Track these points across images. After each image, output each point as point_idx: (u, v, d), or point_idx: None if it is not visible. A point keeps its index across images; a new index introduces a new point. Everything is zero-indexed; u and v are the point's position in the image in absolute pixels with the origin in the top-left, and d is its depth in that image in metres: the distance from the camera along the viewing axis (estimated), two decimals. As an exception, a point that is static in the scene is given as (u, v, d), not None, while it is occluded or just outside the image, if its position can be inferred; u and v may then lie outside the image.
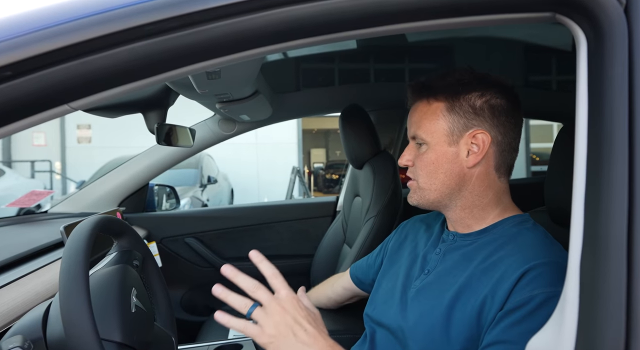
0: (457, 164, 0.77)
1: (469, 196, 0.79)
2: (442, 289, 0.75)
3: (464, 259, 0.77)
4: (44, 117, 0.47)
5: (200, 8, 0.45)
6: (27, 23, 0.43)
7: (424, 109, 0.80)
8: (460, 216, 0.81)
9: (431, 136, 0.78)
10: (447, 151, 0.77)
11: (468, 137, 0.77)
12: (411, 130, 0.82)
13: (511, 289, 0.67)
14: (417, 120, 0.80)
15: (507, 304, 0.67)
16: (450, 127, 0.77)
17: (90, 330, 0.62)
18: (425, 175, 0.79)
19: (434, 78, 0.80)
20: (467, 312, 0.70)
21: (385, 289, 0.88)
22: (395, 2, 0.49)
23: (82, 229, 0.71)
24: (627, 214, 0.42)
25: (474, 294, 0.71)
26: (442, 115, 0.77)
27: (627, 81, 0.47)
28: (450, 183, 0.78)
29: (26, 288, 0.97)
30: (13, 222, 1.59)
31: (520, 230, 0.77)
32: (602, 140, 0.47)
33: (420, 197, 0.81)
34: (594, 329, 0.41)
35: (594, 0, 0.50)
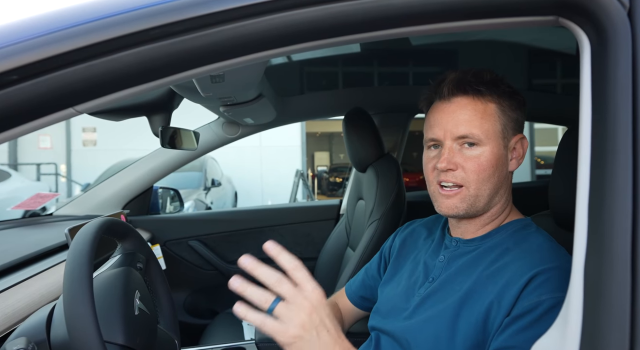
0: (505, 166, 0.76)
1: (503, 202, 0.78)
2: (447, 295, 0.74)
3: (469, 265, 0.76)
4: (50, 120, 0.47)
5: (205, 12, 0.45)
6: (32, 27, 0.43)
7: (477, 107, 0.74)
8: (483, 223, 0.78)
9: (489, 137, 0.73)
10: (502, 154, 0.75)
11: (514, 142, 0.76)
12: (460, 129, 0.73)
13: (518, 295, 0.67)
14: (469, 119, 0.73)
15: (515, 310, 0.66)
16: (504, 130, 0.75)
17: (93, 332, 0.63)
18: (479, 180, 0.73)
19: (471, 75, 0.75)
20: (472, 319, 0.69)
21: (389, 297, 0.86)
22: (399, 6, 0.49)
23: (86, 232, 0.72)
24: (632, 218, 0.42)
25: (479, 300, 0.70)
26: (497, 117, 0.74)
27: (630, 84, 0.47)
28: (498, 188, 0.75)
29: (30, 290, 0.97)
30: (19, 224, 1.60)
31: (524, 235, 0.76)
32: (606, 144, 0.46)
33: (471, 205, 0.74)
34: (598, 334, 0.41)
35: (597, 4, 0.50)
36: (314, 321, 0.56)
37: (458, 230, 0.81)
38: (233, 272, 1.93)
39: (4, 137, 0.47)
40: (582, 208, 0.47)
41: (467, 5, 0.53)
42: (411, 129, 2.04)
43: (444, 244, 0.83)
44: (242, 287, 0.57)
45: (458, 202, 0.75)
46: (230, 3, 0.46)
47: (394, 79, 1.97)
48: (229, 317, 1.68)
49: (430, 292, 0.77)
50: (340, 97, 1.86)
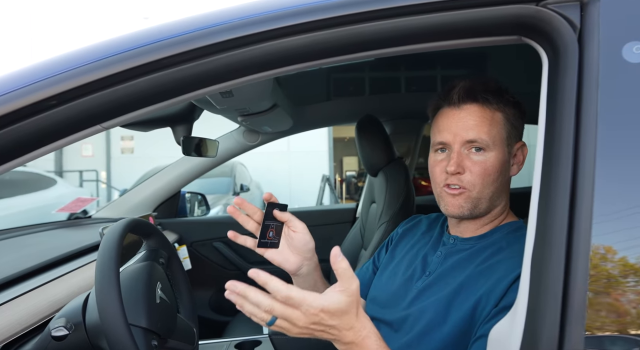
0: (508, 172, 0.80)
1: (500, 204, 0.82)
2: (441, 288, 0.80)
3: (463, 261, 0.81)
4: (81, 136, 0.58)
5: (204, 44, 0.55)
6: (66, 62, 0.54)
7: (484, 114, 0.78)
8: (481, 224, 0.83)
9: (495, 143, 0.77)
10: (506, 160, 0.79)
11: (516, 148, 0.81)
12: (470, 134, 0.77)
13: (507, 289, 0.72)
14: (476, 124, 0.77)
15: (502, 302, 0.71)
16: (508, 136, 0.79)
17: (120, 316, 0.72)
18: (483, 183, 0.77)
19: (481, 85, 0.79)
20: (463, 308, 0.75)
21: (386, 288, 0.91)
22: (368, 33, 0.57)
23: (113, 230, 0.82)
24: (569, 209, 0.48)
25: (471, 292, 0.75)
26: (502, 123, 0.79)
27: (575, 94, 0.53)
28: (499, 192, 0.80)
29: (70, 282, 1.10)
30: (62, 225, 1.77)
31: (517, 237, 0.80)
32: (553, 145, 0.52)
33: (474, 207, 0.78)
34: (538, 311, 0.46)
35: (553, 28, 0.56)
36: (312, 329, 0.60)
37: (457, 229, 0.86)
38: (254, 272, 2.02)
39: (46, 150, 0.58)
40: (534, 201, 0.53)
41: (437, 28, 0.60)
42: (426, 134, 2.08)
43: (442, 241, 0.88)
44: (239, 303, 0.61)
45: (463, 201, 0.78)
46: (226, 35, 0.56)
47: (408, 86, 2.02)
48: (249, 314, 1.77)
49: (427, 285, 0.82)
50: (354, 105, 1.93)
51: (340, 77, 1.96)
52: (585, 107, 0.52)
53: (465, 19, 0.58)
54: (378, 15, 0.54)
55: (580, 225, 0.48)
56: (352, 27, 0.55)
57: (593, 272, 0.47)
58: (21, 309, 0.88)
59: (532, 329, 0.47)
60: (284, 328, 0.60)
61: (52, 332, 0.77)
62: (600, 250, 0.48)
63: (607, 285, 0.48)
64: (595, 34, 0.54)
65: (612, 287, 0.48)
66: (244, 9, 0.55)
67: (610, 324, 0.47)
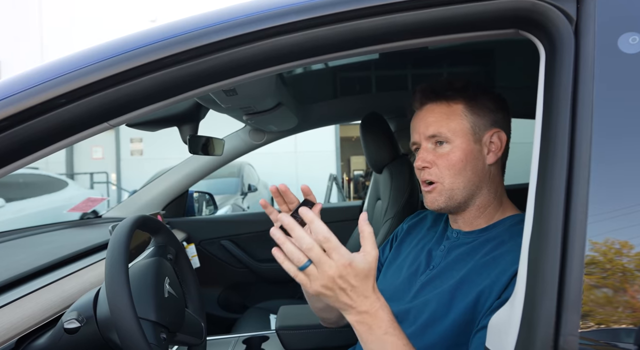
0: (480, 160, 0.82)
1: (487, 194, 0.84)
2: (444, 281, 0.81)
3: (466, 254, 0.82)
4: (90, 133, 0.60)
5: (204, 43, 0.56)
6: (74, 62, 0.56)
7: (443, 109, 0.82)
8: (473, 215, 0.84)
9: (456, 134, 0.80)
10: (473, 148, 0.81)
11: (488, 136, 0.83)
12: (429, 130, 0.82)
13: (509, 281, 0.73)
14: (436, 120, 0.81)
15: (504, 294, 0.72)
16: (473, 126, 0.82)
17: (129, 310, 0.74)
18: (452, 174, 0.80)
19: (441, 83, 0.84)
20: (466, 300, 0.76)
21: (392, 281, 0.93)
22: (365, 28, 0.58)
23: (122, 227, 0.85)
24: (564, 199, 0.49)
25: (473, 284, 0.76)
26: (464, 115, 0.82)
27: (571, 86, 0.53)
28: (475, 180, 0.82)
29: (82, 279, 1.13)
30: (74, 225, 1.81)
31: (520, 229, 0.80)
32: (549, 136, 0.53)
33: (449, 198, 0.81)
34: (535, 299, 0.47)
35: (549, 20, 0.57)
36: (336, 284, 0.60)
37: (455, 223, 0.88)
38: (262, 270, 2.07)
39: (57, 147, 0.60)
40: (530, 198, 0.54)
41: (433, 23, 0.61)
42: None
43: (445, 235, 0.90)
44: (282, 240, 0.61)
45: (437, 195, 0.82)
46: (225, 34, 0.57)
47: (414, 82, 2.02)
48: (258, 311, 1.80)
49: (430, 278, 0.84)
50: (360, 102, 1.94)
51: (346, 75, 1.97)
52: (582, 99, 0.52)
53: (461, 13, 0.58)
54: (375, 12, 0.55)
55: (576, 217, 0.49)
56: (349, 23, 0.56)
57: (589, 262, 0.48)
58: (35, 304, 0.90)
59: (530, 317, 0.48)
60: (312, 276, 0.60)
61: (65, 325, 0.79)
62: (596, 241, 0.49)
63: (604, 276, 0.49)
64: (592, 26, 0.55)
65: (609, 278, 0.49)
66: (243, 8, 0.57)
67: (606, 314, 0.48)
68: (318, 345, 1.16)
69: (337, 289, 0.61)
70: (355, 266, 0.60)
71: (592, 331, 0.47)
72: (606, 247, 0.49)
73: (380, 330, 0.64)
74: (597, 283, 0.48)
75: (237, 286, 2.07)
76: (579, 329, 0.47)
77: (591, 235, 0.49)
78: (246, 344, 1.38)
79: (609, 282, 0.49)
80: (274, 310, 1.60)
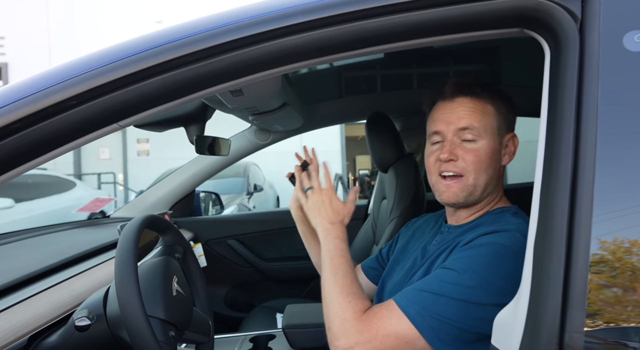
0: (499, 161, 0.83)
1: (495, 194, 0.85)
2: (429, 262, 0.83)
3: (451, 243, 0.83)
4: (99, 134, 0.61)
5: (210, 45, 0.57)
6: (84, 65, 0.57)
7: (477, 105, 0.81)
8: (474, 211, 0.86)
9: (486, 132, 0.81)
10: (497, 148, 0.82)
11: (507, 138, 0.84)
12: (462, 122, 0.80)
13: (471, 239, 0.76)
14: (470, 114, 0.81)
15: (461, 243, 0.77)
16: (499, 127, 0.83)
17: (138, 308, 0.76)
18: (477, 170, 0.80)
19: (472, 80, 0.84)
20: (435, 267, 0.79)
21: (392, 278, 0.96)
22: (371, 29, 0.58)
23: (131, 226, 0.86)
24: (569, 197, 0.49)
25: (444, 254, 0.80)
26: (492, 114, 0.83)
27: (576, 85, 0.54)
28: (493, 179, 0.83)
29: (92, 277, 1.15)
30: (82, 225, 1.83)
31: (500, 216, 0.83)
32: (554, 135, 0.53)
33: (469, 194, 0.81)
34: (540, 297, 0.48)
35: (554, 19, 0.57)
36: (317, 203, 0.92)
37: (452, 217, 0.90)
38: (268, 269, 2.07)
39: (68, 148, 0.61)
40: (535, 195, 0.54)
41: (438, 22, 0.61)
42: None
43: (440, 231, 0.92)
44: (297, 172, 1.06)
45: (458, 190, 0.82)
46: (232, 35, 0.58)
47: (418, 81, 2.02)
48: (264, 310, 1.81)
49: (422, 265, 0.86)
50: (365, 102, 1.94)
51: (352, 75, 1.98)
52: (587, 97, 0.52)
53: (466, 12, 0.59)
54: (380, 12, 0.56)
55: (581, 215, 0.49)
56: (354, 24, 0.57)
57: (597, 260, 0.48)
58: (46, 302, 0.92)
59: (535, 314, 0.48)
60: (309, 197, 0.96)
61: (76, 323, 0.81)
62: (604, 239, 0.49)
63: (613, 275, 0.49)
64: (596, 24, 0.55)
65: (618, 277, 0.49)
66: (249, 9, 0.57)
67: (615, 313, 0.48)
68: (324, 344, 1.16)
69: (317, 209, 0.91)
70: (334, 200, 0.92)
71: (600, 330, 0.47)
72: (615, 245, 0.49)
73: (327, 247, 0.86)
74: (607, 282, 0.48)
75: (243, 285, 2.08)
76: (585, 327, 0.47)
77: (599, 234, 0.49)
78: (253, 343, 1.39)
79: (618, 281, 0.49)
80: (281, 309, 1.61)
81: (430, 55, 1.87)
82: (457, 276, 0.71)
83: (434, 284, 0.72)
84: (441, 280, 0.72)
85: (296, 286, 1.97)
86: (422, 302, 0.71)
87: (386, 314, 0.72)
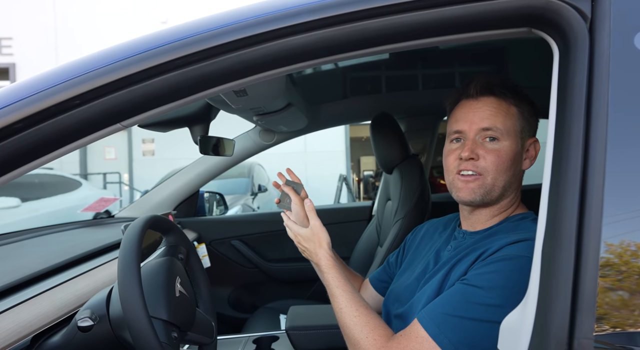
0: (519, 164, 0.83)
1: (512, 197, 0.84)
2: (444, 270, 0.82)
3: (468, 248, 0.83)
4: (103, 134, 0.61)
5: (214, 44, 0.57)
6: (87, 64, 0.57)
7: (503, 106, 0.80)
8: (491, 214, 0.84)
9: (509, 133, 0.80)
10: (518, 151, 0.82)
11: (529, 143, 0.84)
12: (485, 122, 0.80)
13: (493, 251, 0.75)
14: (494, 114, 0.80)
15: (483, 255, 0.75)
16: (522, 130, 0.82)
17: (141, 309, 0.75)
18: (497, 170, 0.79)
19: (499, 81, 0.83)
20: (455, 278, 0.78)
21: (403, 283, 0.94)
22: (375, 28, 0.58)
23: (134, 227, 0.85)
24: (579, 201, 0.48)
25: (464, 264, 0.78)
26: (517, 118, 0.82)
27: (585, 86, 0.52)
28: (512, 182, 0.82)
29: (96, 277, 1.15)
30: (87, 224, 1.84)
31: (518, 224, 0.82)
32: (563, 137, 0.52)
33: (487, 193, 0.80)
34: (548, 300, 0.47)
35: (563, 18, 0.56)
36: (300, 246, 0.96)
37: (468, 221, 0.88)
38: (272, 270, 2.07)
39: (72, 148, 0.61)
40: (544, 198, 0.53)
41: (446, 22, 0.60)
42: (442, 131, 2.07)
43: (453, 235, 0.91)
44: None
45: (476, 187, 0.81)
46: (236, 35, 0.58)
47: (423, 83, 2.01)
48: (268, 311, 1.80)
49: (435, 272, 0.85)
50: (369, 103, 1.94)
51: (356, 75, 1.97)
52: (596, 98, 0.51)
53: (473, 12, 0.58)
54: (385, 12, 0.55)
55: (591, 218, 0.48)
56: (359, 23, 0.56)
57: (603, 264, 0.47)
58: (49, 302, 0.92)
59: (543, 319, 0.47)
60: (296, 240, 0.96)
61: (79, 323, 0.81)
62: (611, 242, 0.48)
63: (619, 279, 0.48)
64: (607, 24, 0.54)
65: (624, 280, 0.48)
66: (253, 9, 0.57)
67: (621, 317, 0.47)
68: (328, 346, 1.16)
69: (302, 249, 0.95)
70: (302, 234, 0.94)
71: (607, 334, 0.46)
72: (622, 249, 0.48)
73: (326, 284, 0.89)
74: (612, 285, 0.47)
75: (247, 286, 2.08)
76: (594, 332, 0.46)
77: (606, 237, 0.48)
78: (256, 344, 1.38)
79: (625, 285, 0.48)
80: (284, 310, 1.60)
81: (436, 56, 1.86)
82: (484, 295, 0.69)
83: (462, 306, 0.70)
84: (469, 301, 0.70)
85: (300, 287, 1.96)
86: (453, 329, 0.69)
87: (416, 345, 0.71)
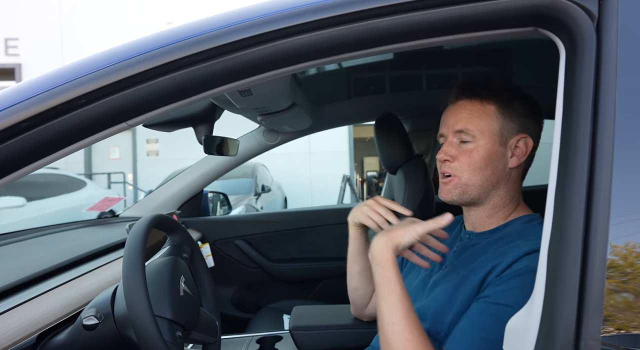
0: (502, 163, 0.83)
1: (503, 195, 0.85)
2: (452, 278, 0.83)
3: (477, 253, 0.84)
4: (108, 133, 0.61)
5: (221, 43, 0.57)
6: (93, 64, 0.57)
7: (475, 108, 0.83)
8: (487, 214, 0.86)
9: (483, 134, 0.82)
10: (497, 150, 0.83)
11: (515, 140, 0.84)
12: (458, 125, 0.83)
13: (515, 260, 0.75)
14: (467, 117, 0.83)
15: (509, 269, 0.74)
16: (501, 129, 0.83)
17: (146, 308, 0.76)
18: (471, 171, 0.82)
19: (479, 81, 0.85)
20: (467, 291, 0.78)
21: (410, 284, 0.95)
22: (384, 27, 0.58)
23: (139, 226, 0.86)
24: (585, 203, 0.47)
25: (477, 275, 0.78)
26: (494, 117, 0.83)
27: (592, 86, 0.52)
28: (493, 180, 0.83)
29: (101, 277, 1.15)
30: (92, 224, 1.85)
31: (527, 227, 0.83)
32: (569, 138, 0.52)
33: (463, 192, 0.83)
34: (554, 304, 0.46)
35: (570, 18, 0.55)
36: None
37: (468, 221, 0.90)
38: (276, 270, 2.07)
39: (77, 147, 0.61)
40: (550, 200, 0.53)
41: (451, 21, 0.60)
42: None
43: (459, 237, 0.92)
44: None
45: (452, 188, 0.85)
46: (242, 34, 0.58)
47: (427, 83, 2.00)
48: (271, 311, 1.81)
49: (442, 276, 0.87)
50: (374, 103, 1.93)
51: (360, 76, 1.97)
52: (603, 99, 0.51)
53: (479, 11, 0.58)
54: (391, 11, 0.55)
55: (598, 219, 0.48)
56: (365, 22, 0.56)
57: (608, 265, 0.47)
58: (55, 301, 0.92)
59: (549, 321, 0.47)
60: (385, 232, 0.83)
61: (84, 321, 0.81)
62: (615, 244, 0.48)
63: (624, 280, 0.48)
64: (614, 23, 0.53)
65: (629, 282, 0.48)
66: (258, 8, 0.57)
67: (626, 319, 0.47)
68: (331, 346, 1.16)
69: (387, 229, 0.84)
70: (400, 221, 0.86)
71: (612, 336, 0.46)
72: (627, 250, 0.48)
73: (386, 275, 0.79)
74: (617, 287, 0.47)
75: (250, 286, 2.08)
76: (601, 334, 0.46)
77: (611, 239, 0.48)
78: (260, 344, 1.38)
79: (630, 287, 0.47)
80: (288, 311, 1.60)
81: (440, 56, 1.85)
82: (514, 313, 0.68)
83: (495, 327, 0.69)
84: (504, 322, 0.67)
85: (304, 287, 1.96)
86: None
87: None
